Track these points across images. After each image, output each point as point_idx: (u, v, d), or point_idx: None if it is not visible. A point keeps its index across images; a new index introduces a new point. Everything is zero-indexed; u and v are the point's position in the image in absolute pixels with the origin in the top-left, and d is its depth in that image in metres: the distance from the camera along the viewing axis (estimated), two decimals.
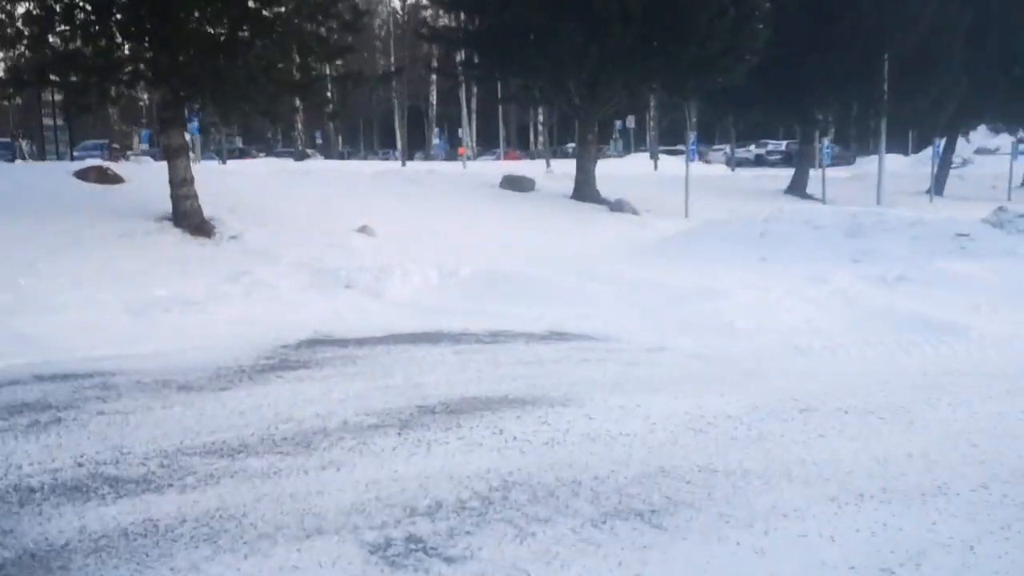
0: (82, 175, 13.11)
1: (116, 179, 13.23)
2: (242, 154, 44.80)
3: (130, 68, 10.12)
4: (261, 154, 47.01)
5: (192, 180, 11.33)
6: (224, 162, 29.35)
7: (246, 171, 19.45)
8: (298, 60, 10.15)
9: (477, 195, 16.16)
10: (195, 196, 11.35)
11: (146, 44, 9.84)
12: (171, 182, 11.24)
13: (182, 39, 9.41)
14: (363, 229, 11.83)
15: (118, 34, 9.78)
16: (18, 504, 3.61)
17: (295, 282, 8.89)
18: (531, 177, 18.12)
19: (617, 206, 15.74)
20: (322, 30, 10.21)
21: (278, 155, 46.96)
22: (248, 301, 8.22)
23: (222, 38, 9.56)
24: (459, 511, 3.54)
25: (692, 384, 5.47)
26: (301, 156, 47.39)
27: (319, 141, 58.39)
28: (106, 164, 14.02)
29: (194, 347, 6.78)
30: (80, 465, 4.06)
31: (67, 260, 9.32)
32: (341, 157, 51.17)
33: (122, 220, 11.25)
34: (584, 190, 16.83)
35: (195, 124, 35.11)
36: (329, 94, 11.47)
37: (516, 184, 17.62)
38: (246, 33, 9.59)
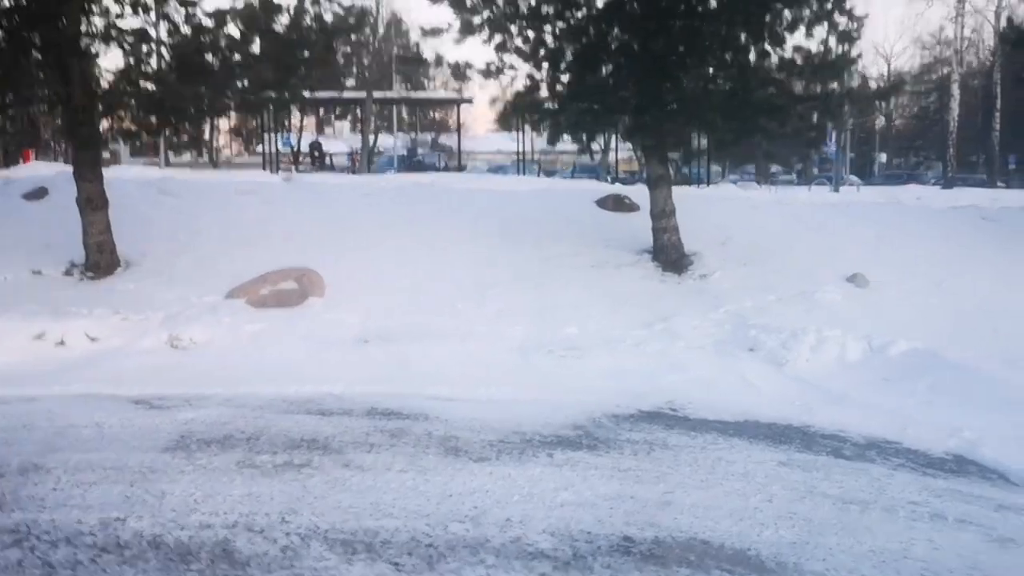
0: (601, 203, 13.61)
1: (631, 207, 13.44)
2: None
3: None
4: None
5: (672, 212, 10.91)
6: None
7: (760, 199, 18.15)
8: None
9: None
10: (674, 229, 10.92)
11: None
12: (651, 213, 10.99)
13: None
14: (853, 278, 10.07)
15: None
16: None
17: (702, 335, 7.93)
18: None
19: None
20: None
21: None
22: (635, 351, 7.59)
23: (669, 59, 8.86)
24: None
25: None
26: (950, 183, 42.82)
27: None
28: (624, 192, 14.29)
29: (528, 400, 6.49)
30: (208, 527, 3.99)
31: (518, 287, 9.67)
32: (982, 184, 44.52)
33: (607, 250, 11.37)
34: None
35: (831, 147, 34.16)
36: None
37: None
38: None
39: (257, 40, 8.68)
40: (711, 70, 9.02)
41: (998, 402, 5.84)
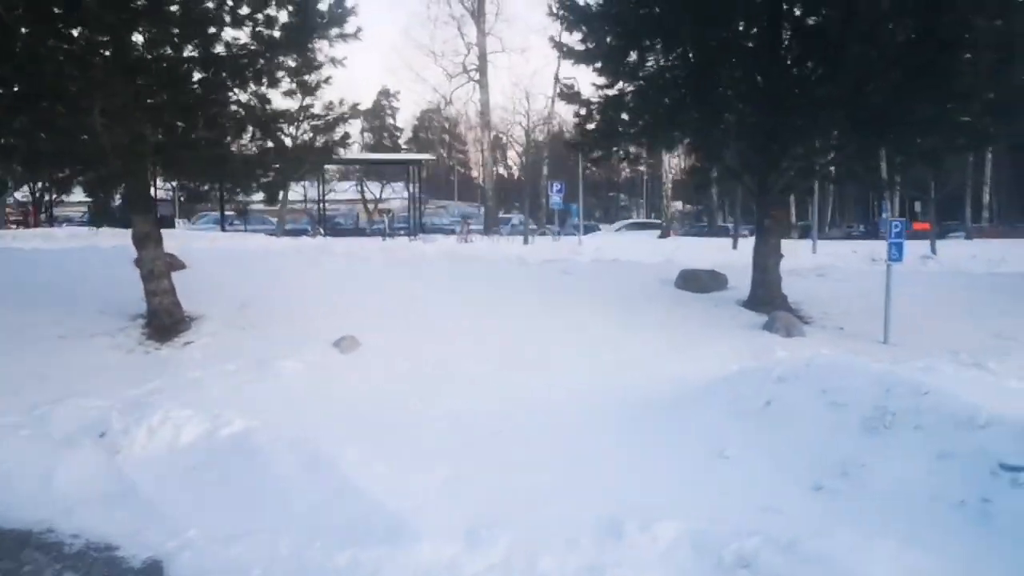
0: None
1: (179, 266, 12.81)
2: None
3: None
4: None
5: (163, 274, 10.36)
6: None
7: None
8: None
9: (618, 296, 13.25)
10: (167, 292, 10.36)
11: None
12: (141, 276, 10.37)
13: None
14: (341, 342, 9.89)
15: None
16: None
17: (79, 420, 7.29)
18: (722, 273, 14.60)
19: (773, 322, 11.80)
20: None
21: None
22: None
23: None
24: None
25: None
26: (665, 232, 44.96)
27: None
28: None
29: None
30: None
31: None
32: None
33: (98, 316, 10.67)
34: (760, 294, 12.93)
35: (556, 196, 35.11)
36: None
37: (694, 282, 14.29)
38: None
39: None
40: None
41: (267, 494, 5.59)
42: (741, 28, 10.95)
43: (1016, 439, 4.77)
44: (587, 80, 13.42)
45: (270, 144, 9.63)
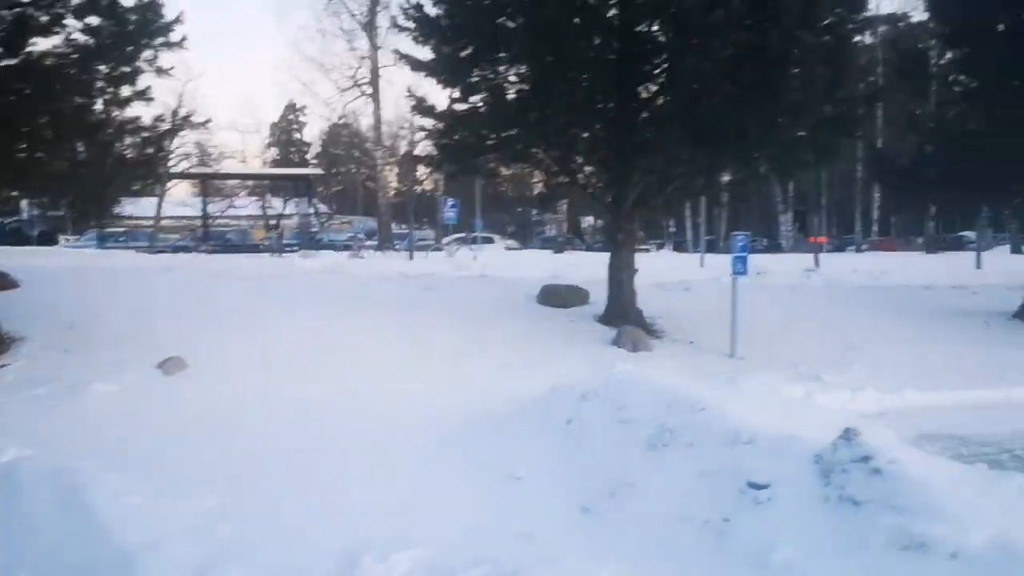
0: None
1: (10, 285, 12.25)
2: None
3: None
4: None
5: None
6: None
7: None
8: None
9: (476, 312, 13.12)
10: None
11: None
12: None
13: None
14: (165, 364, 9.52)
15: None
16: None
17: None
18: (584, 288, 14.57)
19: (620, 337, 11.81)
20: None
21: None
22: None
23: None
24: None
25: None
26: (561, 247, 44.79)
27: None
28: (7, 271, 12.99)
29: None
30: None
31: None
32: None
33: None
34: (615, 308, 12.91)
35: (450, 212, 34.75)
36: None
37: (554, 297, 14.23)
38: None
39: None
40: None
41: (16, 529, 5.25)
42: (581, 41, 10.94)
43: (772, 456, 4.78)
44: (439, 92, 13.17)
45: (84, 156, 9.21)
